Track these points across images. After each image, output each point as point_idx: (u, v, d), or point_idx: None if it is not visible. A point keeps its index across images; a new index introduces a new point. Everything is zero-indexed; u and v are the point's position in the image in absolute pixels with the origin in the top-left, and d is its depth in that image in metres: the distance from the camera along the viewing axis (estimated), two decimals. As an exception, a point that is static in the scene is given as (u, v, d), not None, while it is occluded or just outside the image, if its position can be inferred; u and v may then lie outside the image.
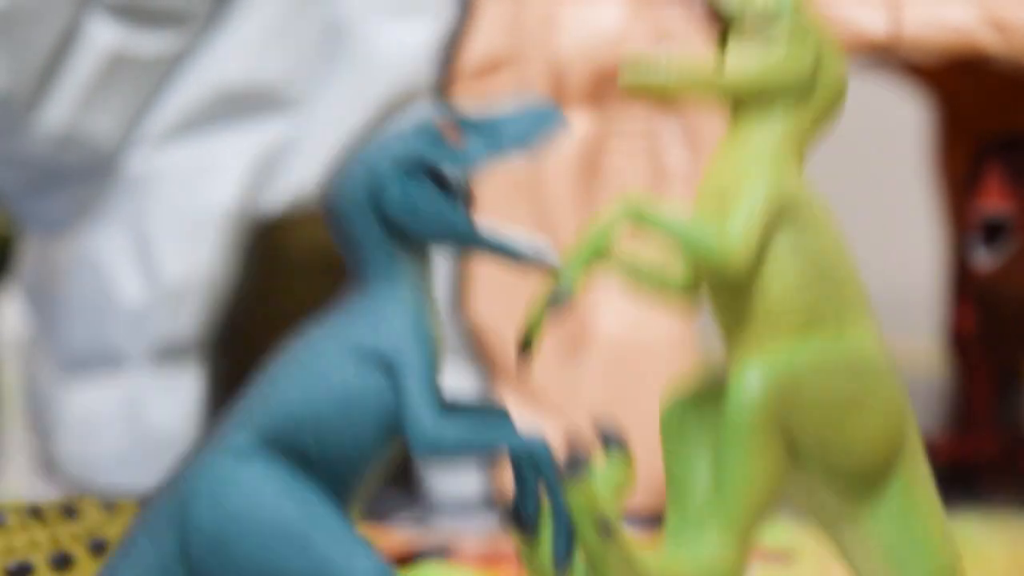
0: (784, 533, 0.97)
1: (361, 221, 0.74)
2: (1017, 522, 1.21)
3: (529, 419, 1.23)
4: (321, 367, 0.73)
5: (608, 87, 1.23)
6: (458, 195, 0.75)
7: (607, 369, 1.21)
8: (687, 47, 1.20)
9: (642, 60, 0.75)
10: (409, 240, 0.74)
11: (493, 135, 0.74)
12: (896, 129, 1.80)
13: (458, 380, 1.24)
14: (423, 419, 0.72)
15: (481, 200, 1.22)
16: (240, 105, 1.25)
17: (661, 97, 0.76)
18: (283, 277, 1.40)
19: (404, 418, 0.72)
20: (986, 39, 1.20)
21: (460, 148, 0.74)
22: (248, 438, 0.73)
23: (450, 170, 0.74)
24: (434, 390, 0.73)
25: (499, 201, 1.22)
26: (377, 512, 1.20)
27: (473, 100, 1.24)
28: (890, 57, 1.33)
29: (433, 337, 0.74)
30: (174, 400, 1.26)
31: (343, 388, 0.73)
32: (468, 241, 0.74)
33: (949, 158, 1.48)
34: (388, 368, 0.73)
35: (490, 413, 0.77)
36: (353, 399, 0.73)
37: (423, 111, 0.73)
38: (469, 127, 0.74)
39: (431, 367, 0.73)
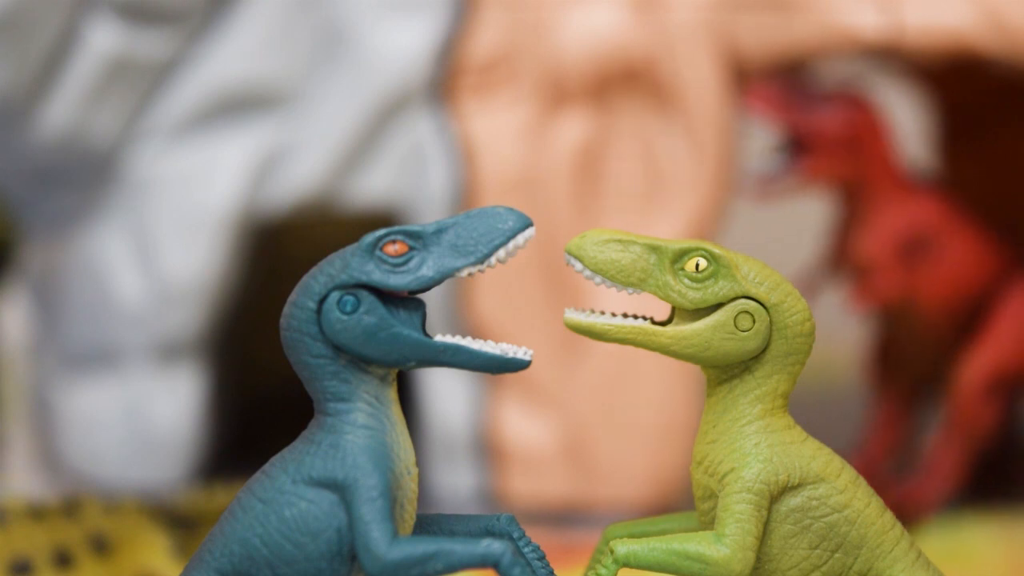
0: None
1: (309, 348, 0.73)
2: (1017, 521, 1.21)
3: (528, 419, 1.23)
4: (275, 499, 0.73)
5: (607, 87, 1.22)
6: (408, 311, 0.73)
7: (607, 369, 1.21)
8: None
9: (587, 322, 0.75)
10: (361, 362, 0.73)
11: (444, 247, 0.73)
12: (895, 131, 1.80)
13: (458, 382, 1.23)
14: (375, 544, 0.72)
15: (479, 199, 1.23)
16: (240, 106, 1.25)
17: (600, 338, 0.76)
18: (283, 277, 1.40)
19: (357, 545, 0.72)
20: (986, 40, 1.20)
21: (406, 264, 0.73)
22: (206, 574, 0.73)
23: (396, 287, 0.73)
24: (388, 513, 0.72)
25: (497, 200, 1.22)
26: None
27: (473, 100, 1.24)
28: (890, 59, 1.33)
29: (391, 458, 0.73)
30: (174, 399, 1.26)
31: (296, 519, 0.72)
32: (421, 356, 0.73)
33: (949, 159, 1.48)
34: (342, 496, 0.72)
35: (475, 527, 0.76)
36: (306, 530, 0.72)
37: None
38: (417, 240, 0.73)
39: (386, 490, 0.72)
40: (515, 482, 1.23)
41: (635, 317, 0.76)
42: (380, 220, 1.26)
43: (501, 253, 0.73)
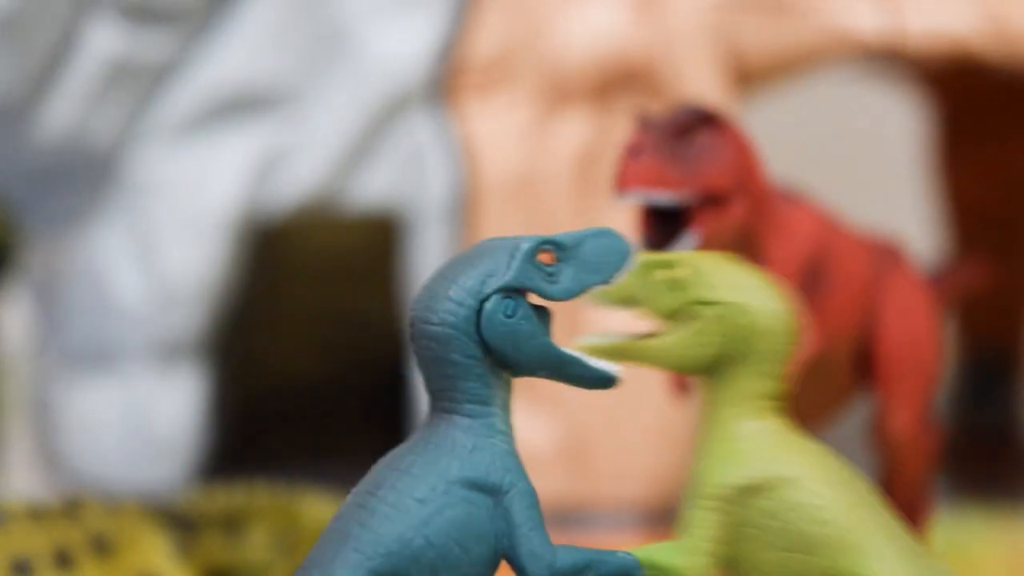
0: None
1: (462, 346, 0.71)
2: (1017, 521, 1.21)
3: (528, 419, 1.23)
4: (435, 499, 0.71)
5: (608, 89, 1.23)
6: (543, 320, 0.73)
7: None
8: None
9: (587, 346, 0.75)
10: (502, 368, 0.72)
11: (579, 261, 0.73)
12: (896, 135, 1.80)
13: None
14: (543, 550, 0.71)
15: (480, 200, 1.23)
16: (240, 107, 1.25)
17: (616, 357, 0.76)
18: (283, 279, 1.40)
19: (518, 545, 0.71)
20: (987, 44, 1.20)
21: (555, 275, 0.73)
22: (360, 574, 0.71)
23: (552, 296, 0.73)
24: (542, 520, 0.72)
25: (497, 201, 1.22)
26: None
27: (473, 101, 1.24)
28: (891, 62, 1.33)
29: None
30: (175, 401, 1.26)
31: (461, 521, 0.71)
32: (554, 366, 0.73)
33: (949, 163, 1.48)
34: (496, 500, 0.71)
35: None
36: (471, 533, 0.71)
37: (519, 243, 0.72)
38: (562, 251, 0.73)
39: (535, 493, 0.72)
40: (515, 483, 1.22)
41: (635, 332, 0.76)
42: (380, 221, 1.26)
43: (622, 274, 0.73)
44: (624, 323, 0.86)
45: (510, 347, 0.72)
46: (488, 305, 0.71)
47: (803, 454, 0.75)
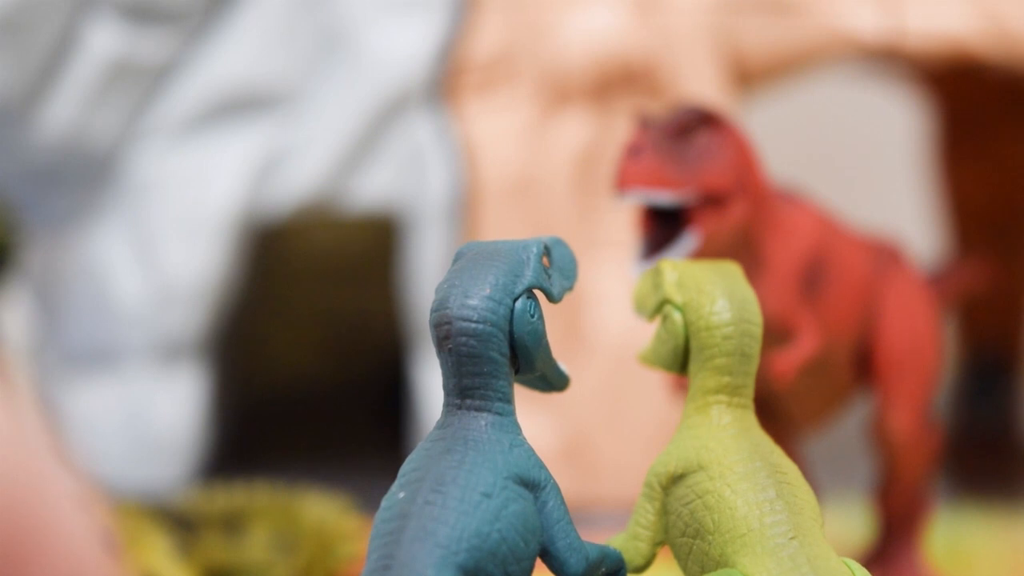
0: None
1: (500, 344, 0.73)
2: (1017, 521, 1.21)
3: (529, 419, 1.23)
4: (499, 493, 0.72)
5: (607, 89, 1.23)
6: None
7: (607, 369, 1.21)
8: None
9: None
10: (516, 365, 0.74)
11: (558, 270, 0.76)
12: (896, 135, 1.80)
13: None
14: (580, 545, 0.73)
15: (480, 200, 1.23)
16: (240, 106, 1.26)
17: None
18: (284, 279, 1.40)
19: (558, 539, 0.73)
20: (987, 45, 1.20)
21: (551, 280, 0.75)
22: (449, 571, 0.71)
23: (555, 297, 0.75)
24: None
25: (497, 201, 1.22)
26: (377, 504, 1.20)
27: (473, 101, 1.24)
28: (890, 62, 1.33)
29: None
30: (175, 400, 1.26)
31: (523, 515, 0.72)
32: (550, 367, 0.75)
33: (949, 163, 1.48)
34: (535, 492, 0.73)
35: None
36: (530, 527, 0.72)
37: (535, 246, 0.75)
38: (550, 257, 0.76)
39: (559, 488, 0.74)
40: (515, 483, 1.23)
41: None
42: (380, 221, 1.26)
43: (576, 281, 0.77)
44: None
45: (531, 345, 0.73)
46: (518, 304, 0.73)
47: (729, 447, 0.76)
